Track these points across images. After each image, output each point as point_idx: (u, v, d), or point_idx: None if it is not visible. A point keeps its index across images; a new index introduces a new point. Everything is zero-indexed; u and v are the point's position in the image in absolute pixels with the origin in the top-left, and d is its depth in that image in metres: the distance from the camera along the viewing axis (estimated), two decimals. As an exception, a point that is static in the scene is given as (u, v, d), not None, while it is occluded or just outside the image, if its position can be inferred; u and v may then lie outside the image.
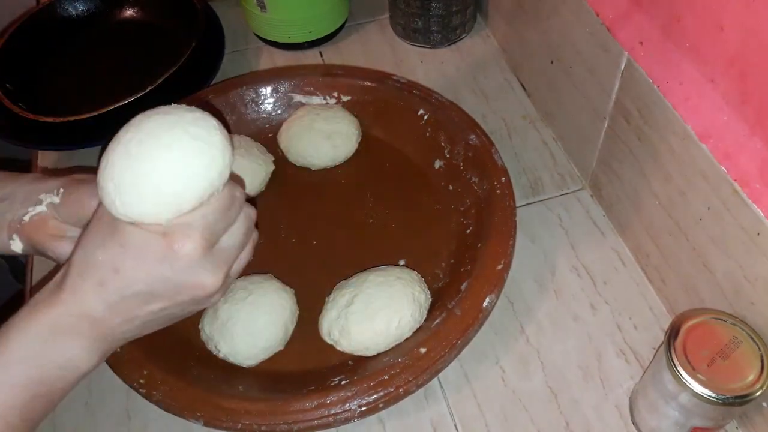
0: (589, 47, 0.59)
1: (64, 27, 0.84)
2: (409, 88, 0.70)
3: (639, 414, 0.52)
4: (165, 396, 0.50)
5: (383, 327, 0.53)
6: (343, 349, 0.55)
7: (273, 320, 0.55)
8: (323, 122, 0.68)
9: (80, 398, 0.56)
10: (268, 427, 0.49)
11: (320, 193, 0.68)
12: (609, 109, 0.59)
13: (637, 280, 0.61)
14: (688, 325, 0.45)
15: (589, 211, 0.66)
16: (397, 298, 0.54)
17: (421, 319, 0.55)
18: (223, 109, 0.71)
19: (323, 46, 0.85)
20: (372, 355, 0.55)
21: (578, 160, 0.69)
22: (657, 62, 0.52)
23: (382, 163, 0.67)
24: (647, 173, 0.56)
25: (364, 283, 0.56)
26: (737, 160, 0.45)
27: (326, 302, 0.57)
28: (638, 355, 0.56)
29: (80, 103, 0.71)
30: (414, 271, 0.58)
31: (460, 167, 0.65)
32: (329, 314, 0.56)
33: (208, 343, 0.56)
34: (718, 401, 0.42)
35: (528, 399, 0.55)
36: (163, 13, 0.84)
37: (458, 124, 0.66)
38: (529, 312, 0.60)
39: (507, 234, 0.58)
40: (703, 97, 0.48)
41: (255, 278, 0.58)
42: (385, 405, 0.50)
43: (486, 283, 0.55)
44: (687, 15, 0.48)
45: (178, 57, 0.74)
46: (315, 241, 0.64)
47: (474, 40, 0.84)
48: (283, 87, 0.72)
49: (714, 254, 0.50)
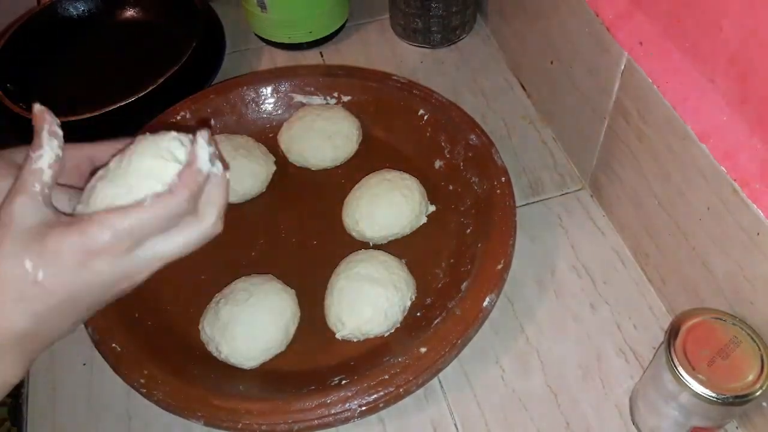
0: (589, 47, 0.59)
1: (64, 27, 0.84)
2: (409, 88, 0.70)
3: (639, 414, 0.52)
4: (165, 396, 0.50)
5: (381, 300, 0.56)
6: (351, 332, 0.56)
7: (274, 321, 0.55)
8: (324, 122, 0.68)
9: (80, 398, 0.56)
10: (268, 427, 0.49)
11: (320, 193, 0.68)
12: (609, 109, 0.59)
13: (636, 280, 0.61)
14: (688, 324, 0.45)
15: (589, 211, 0.66)
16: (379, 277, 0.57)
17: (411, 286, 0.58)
18: (223, 109, 0.71)
19: (323, 46, 0.85)
20: (381, 333, 0.56)
21: (578, 160, 0.69)
22: (657, 62, 0.52)
23: (382, 163, 0.67)
24: (647, 173, 0.56)
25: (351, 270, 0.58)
26: (737, 160, 0.45)
27: (326, 297, 0.58)
28: (638, 355, 0.56)
29: (80, 103, 0.71)
30: None
31: (460, 167, 0.65)
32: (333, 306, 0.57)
33: (209, 344, 0.56)
34: (718, 401, 0.42)
35: (528, 399, 0.55)
36: (163, 13, 0.84)
37: (458, 124, 0.67)
38: (529, 312, 0.60)
39: (507, 234, 0.58)
40: (703, 97, 0.48)
41: (256, 279, 0.58)
42: (386, 405, 0.50)
43: (486, 283, 0.55)
44: (687, 15, 0.48)
45: (178, 57, 0.74)
46: (315, 241, 0.64)
47: (474, 40, 0.84)
48: (283, 87, 0.73)
49: (714, 254, 0.50)
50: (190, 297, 0.60)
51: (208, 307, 0.58)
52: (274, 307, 0.56)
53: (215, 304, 0.57)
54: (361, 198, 0.63)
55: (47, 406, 0.56)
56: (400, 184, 0.63)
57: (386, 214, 0.61)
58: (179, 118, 0.68)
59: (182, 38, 0.77)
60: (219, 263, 0.62)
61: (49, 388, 0.57)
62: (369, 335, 0.56)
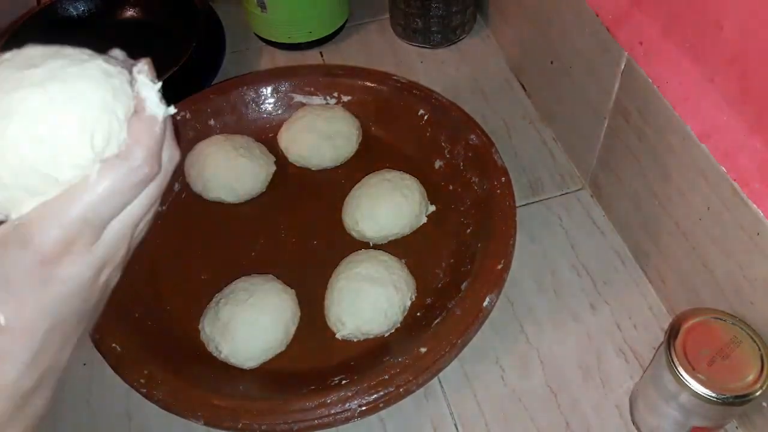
0: (589, 47, 0.59)
1: (64, 27, 0.84)
2: (409, 88, 0.70)
3: (639, 414, 0.52)
4: (165, 396, 0.50)
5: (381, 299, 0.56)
6: (351, 332, 0.56)
7: (274, 321, 0.55)
8: (324, 122, 0.68)
9: (81, 398, 0.56)
10: (268, 427, 0.49)
11: (320, 193, 0.68)
12: (609, 109, 0.59)
13: (637, 280, 0.61)
14: (688, 324, 0.45)
15: (589, 211, 0.66)
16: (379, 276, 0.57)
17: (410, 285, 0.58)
18: (223, 109, 0.71)
19: (323, 47, 0.85)
20: (381, 333, 0.56)
21: (578, 160, 0.69)
22: (657, 62, 0.52)
23: (382, 163, 0.67)
24: (647, 173, 0.56)
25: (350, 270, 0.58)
26: (737, 159, 0.45)
27: (326, 297, 0.58)
28: (638, 355, 0.56)
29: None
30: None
31: (460, 167, 0.65)
32: (333, 306, 0.57)
33: (209, 344, 0.56)
34: (718, 401, 0.42)
35: (528, 398, 0.55)
36: (163, 13, 0.84)
37: (458, 124, 0.67)
38: (529, 312, 0.60)
39: (507, 234, 0.58)
40: (703, 97, 0.48)
41: (256, 279, 0.58)
42: (386, 404, 0.50)
43: (486, 283, 0.55)
44: (687, 15, 0.48)
45: (178, 57, 0.74)
46: (315, 241, 0.64)
47: (474, 40, 0.84)
48: (283, 87, 0.73)
49: (714, 254, 0.50)
50: (190, 297, 0.60)
51: (208, 307, 0.58)
52: (274, 307, 0.56)
53: (215, 304, 0.57)
54: (361, 198, 0.63)
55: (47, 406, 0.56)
56: (400, 184, 0.63)
57: (386, 214, 0.61)
58: (179, 119, 0.68)
59: (182, 38, 0.77)
60: (219, 263, 0.62)
61: (49, 388, 0.57)
62: (369, 335, 0.56)
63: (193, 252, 0.64)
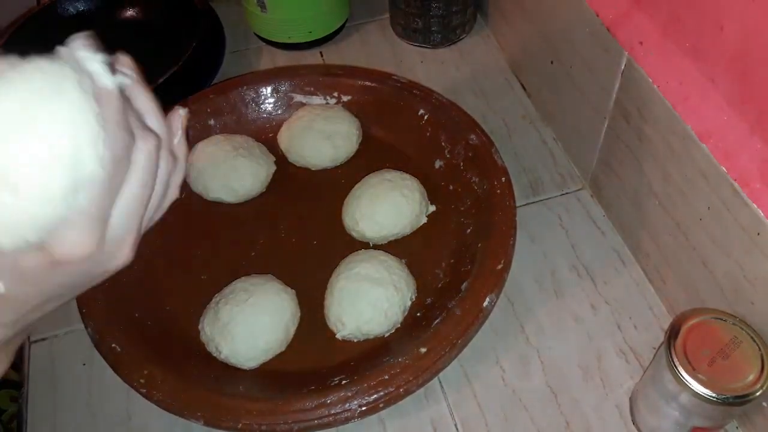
0: (589, 47, 0.59)
1: (64, 27, 0.83)
2: (409, 88, 0.70)
3: (639, 414, 0.52)
4: (165, 396, 0.50)
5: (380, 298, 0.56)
6: (351, 332, 0.56)
7: (274, 322, 0.55)
8: (323, 122, 0.68)
9: (80, 398, 0.56)
10: (268, 427, 0.49)
11: (320, 193, 0.68)
12: (609, 109, 0.59)
13: (637, 280, 0.61)
14: (688, 324, 0.45)
15: (589, 211, 0.66)
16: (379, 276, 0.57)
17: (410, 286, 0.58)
18: (223, 109, 0.71)
19: (323, 46, 0.85)
20: (381, 333, 0.56)
21: (578, 160, 0.69)
22: (657, 62, 0.52)
23: (382, 163, 0.67)
24: (647, 173, 0.56)
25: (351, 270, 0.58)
26: (737, 160, 0.45)
27: (326, 297, 0.58)
28: (638, 355, 0.56)
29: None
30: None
31: (460, 167, 0.65)
32: (333, 306, 0.57)
33: (209, 344, 0.56)
34: (718, 401, 0.42)
35: (528, 399, 0.55)
36: (163, 13, 0.84)
37: (458, 123, 0.67)
38: (529, 312, 0.60)
39: (507, 234, 0.58)
40: (703, 97, 0.48)
41: (256, 279, 0.58)
42: (386, 405, 0.50)
43: (486, 283, 0.55)
44: (687, 15, 0.48)
45: (178, 57, 0.74)
46: (315, 241, 0.64)
47: (474, 40, 0.84)
48: (283, 87, 0.73)
49: (714, 254, 0.50)
50: (190, 297, 0.60)
51: (208, 307, 0.58)
52: (274, 307, 0.56)
53: (215, 304, 0.57)
54: (361, 198, 0.63)
55: (47, 406, 0.56)
56: (400, 184, 0.63)
57: (386, 214, 0.61)
58: (179, 118, 0.68)
59: (182, 38, 0.77)
60: (219, 263, 0.62)
61: (49, 388, 0.57)
62: (369, 335, 0.56)
63: (192, 252, 0.64)
